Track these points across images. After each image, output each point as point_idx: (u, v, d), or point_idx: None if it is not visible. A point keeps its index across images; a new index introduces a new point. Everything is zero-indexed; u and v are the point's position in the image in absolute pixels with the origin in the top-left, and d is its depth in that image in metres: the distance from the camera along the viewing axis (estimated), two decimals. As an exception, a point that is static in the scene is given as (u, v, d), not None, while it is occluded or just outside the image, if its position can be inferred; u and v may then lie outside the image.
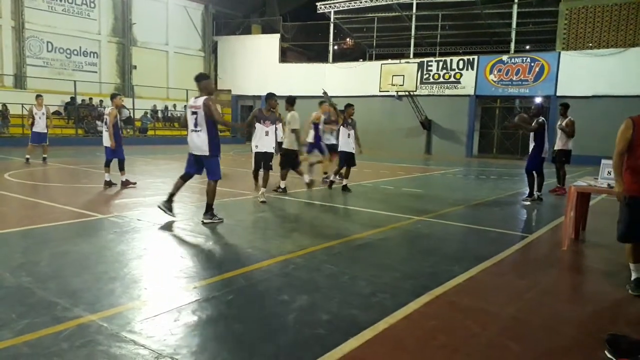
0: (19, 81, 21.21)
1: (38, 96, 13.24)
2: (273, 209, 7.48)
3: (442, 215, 7.38)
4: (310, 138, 10.16)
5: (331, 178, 9.69)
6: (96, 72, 24.03)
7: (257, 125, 7.68)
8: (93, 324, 3.07)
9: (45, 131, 12.98)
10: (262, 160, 7.81)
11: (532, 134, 8.88)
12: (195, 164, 6.23)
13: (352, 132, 9.43)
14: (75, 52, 23.20)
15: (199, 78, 6.17)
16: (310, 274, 4.27)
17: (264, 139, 7.75)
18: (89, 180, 10.02)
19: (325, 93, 9.24)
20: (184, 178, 6.31)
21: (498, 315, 3.55)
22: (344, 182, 9.48)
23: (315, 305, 3.53)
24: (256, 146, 7.78)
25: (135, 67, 25.24)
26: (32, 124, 12.78)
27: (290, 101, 8.89)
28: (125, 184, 9.01)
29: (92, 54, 23.86)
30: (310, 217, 7.14)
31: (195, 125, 6.01)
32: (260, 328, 3.12)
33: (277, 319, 3.26)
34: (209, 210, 6.18)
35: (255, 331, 3.08)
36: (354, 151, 9.50)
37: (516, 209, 8.47)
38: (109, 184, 8.96)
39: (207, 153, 6.03)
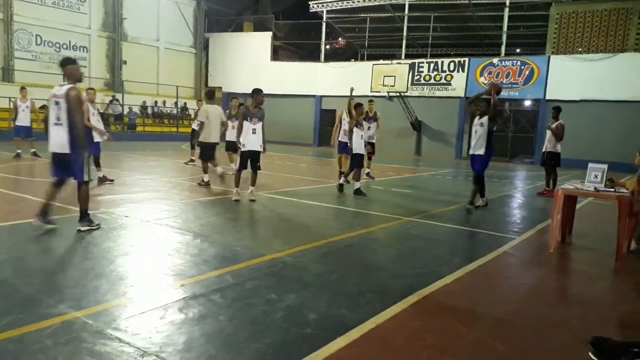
0: (7, 74, 20.90)
1: (22, 89, 12.91)
2: (262, 208, 7.46)
3: (430, 216, 7.41)
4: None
5: (340, 181, 9.36)
6: (86, 66, 23.70)
7: (245, 123, 7.45)
8: (78, 321, 3.03)
9: (29, 125, 12.60)
10: (249, 159, 7.63)
11: (485, 133, 7.72)
12: (61, 165, 5.28)
13: (363, 133, 9.18)
14: (65, 46, 22.91)
15: (64, 62, 5.32)
16: (299, 273, 4.26)
17: (251, 137, 7.49)
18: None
19: (351, 92, 9.19)
20: (57, 185, 5.38)
21: (485, 316, 3.57)
22: (356, 184, 9.10)
23: (303, 304, 3.53)
24: (243, 145, 7.52)
25: (125, 62, 25.02)
26: (15, 118, 12.50)
27: (210, 95, 9.78)
28: (103, 180, 8.77)
29: (81, 48, 23.58)
30: (300, 217, 7.12)
31: (58, 117, 5.14)
32: (248, 327, 3.11)
33: (264, 318, 3.25)
34: (84, 217, 5.34)
35: (242, 330, 3.07)
36: (363, 152, 9.33)
37: (504, 210, 8.54)
38: (102, 180, 8.79)
39: (67, 151, 5.14)
